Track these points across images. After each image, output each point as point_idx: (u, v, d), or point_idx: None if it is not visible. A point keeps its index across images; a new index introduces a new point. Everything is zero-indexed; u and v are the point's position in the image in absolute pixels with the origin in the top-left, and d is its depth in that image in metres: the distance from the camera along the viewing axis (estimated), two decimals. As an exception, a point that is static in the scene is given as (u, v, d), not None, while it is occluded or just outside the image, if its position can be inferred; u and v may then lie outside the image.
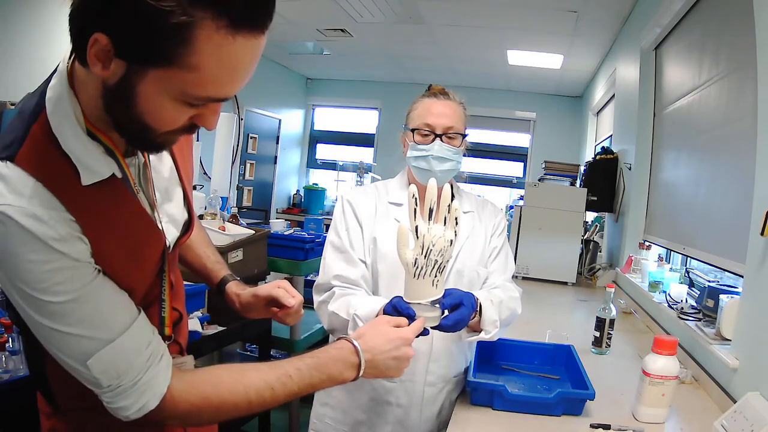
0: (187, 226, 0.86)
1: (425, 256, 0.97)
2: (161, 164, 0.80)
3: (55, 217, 0.61)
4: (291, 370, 0.76)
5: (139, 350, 0.67)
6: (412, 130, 1.27)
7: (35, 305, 0.62)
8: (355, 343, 0.83)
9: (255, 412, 0.76)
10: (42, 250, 0.60)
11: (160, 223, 0.76)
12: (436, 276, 0.98)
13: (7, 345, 1.40)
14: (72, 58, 0.63)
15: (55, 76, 0.65)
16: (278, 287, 1.00)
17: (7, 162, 0.60)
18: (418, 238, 0.97)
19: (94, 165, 0.64)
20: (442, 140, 1.24)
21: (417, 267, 0.97)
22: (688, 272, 2.21)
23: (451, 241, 0.98)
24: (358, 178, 6.28)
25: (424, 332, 1.01)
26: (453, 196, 1.01)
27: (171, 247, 0.81)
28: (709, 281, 1.89)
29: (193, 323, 1.90)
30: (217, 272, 1.07)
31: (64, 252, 0.61)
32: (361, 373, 0.82)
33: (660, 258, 2.52)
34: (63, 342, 0.64)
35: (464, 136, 1.28)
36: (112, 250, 0.67)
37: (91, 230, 0.64)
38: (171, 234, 0.80)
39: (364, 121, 7.02)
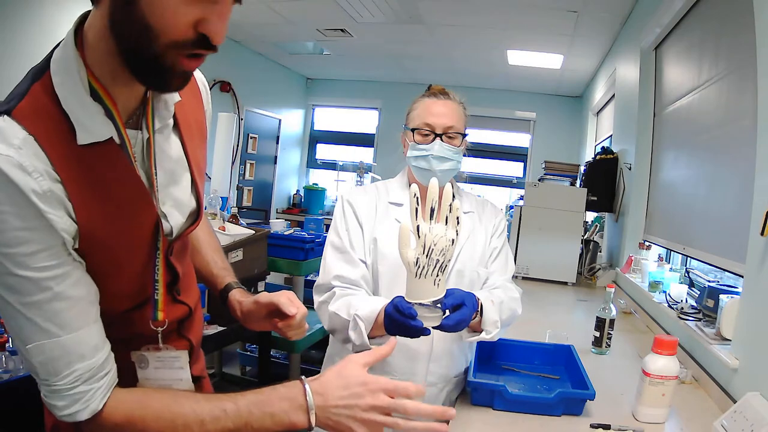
0: (195, 216, 0.84)
1: (427, 256, 0.97)
2: (169, 145, 0.77)
3: (40, 170, 0.59)
4: (227, 405, 0.69)
5: (82, 357, 0.65)
6: (412, 130, 1.27)
7: None
8: (306, 384, 0.72)
9: None
10: (20, 204, 0.58)
11: (158, 202, 0.73)
12: (437, 275, 0.98)
13: (7, 345, 1.40)
14: (78, 22, 0.63)
15: (62, 41, 0.65)
16: (282, 296, 0.94)
17: (4, 116, 0.60)
18: (419, 237, 0.97)
19: (92, 125, 0.63)
20: (442, 140, 1.24)
21: (419, 266, 0.97)
22: (688, 272, 2.21)
23: (453, 240, 0.98)
24: (358, 178, 6.28)
25: (425, 332, 1.01)
26: (454, 196, 1.01)
27: (177, 235, 0.78)
28: (709, 281, 1.89)
29: (194, 323, 1.90)
30: (223, 278, 1.04)
31: (42, 208, 0.59)
32: (313, 418, 0.70)
33: (660, 258, 2.52)
34: (10, 315, 0.62)
35: (464, 135, 1.28)
36: (101, 215, 0.65)
37: (79, 194, 0.63)
38: (176, 220, 0.78)
39: (364, 121, 7.02)
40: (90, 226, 0.64)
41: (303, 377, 0.73)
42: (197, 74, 0.82)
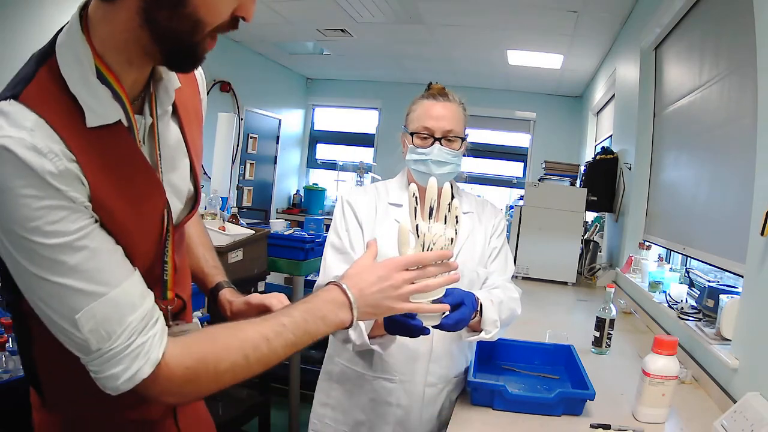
0: (193, 202, 0.84)
1: (426, 256, 0.96)
2: (168, 131, 0.77)
3: (55, 151, 0.58)
4: (284, 319, 0.72)
5: (133, 308, 0.63)
6: (411, 134, 1.27)
7: (25, 249, 0.58)
8: (342, 283, 0.78)
9: (254, 373, 0.70)
10: (37, 185, 0.57)
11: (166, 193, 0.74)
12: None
13: (7, 345, 1.40)
14: (82, 6, 0.64)
15: (67, 25, 0.65)
16: (273, 298, 0.95)
17: (11, 100, 0.59)
18: (418, 237, 0.97)
19: (100, 108, 0.63)
20: (441, 143, 1.24)
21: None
22: (688, 272, 2.21)
23: (452, 239, 0.98)
24: (358, 178, 6.29)
25: (425, 331, 1.01)
26: (453, 195, 1.01)
27: (176, 222, 0.78)
28: (709, 281, 1.89)
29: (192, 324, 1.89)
30: (213, 277, 1.03)
31: (60, 189, 0.58)
32: (355, 312, 0.77)
33: (660, 258, 2.52)
34: (52, 294, 0.60)
35: (464, 138, 1.28)
36: (112, 198, 0.64)
37: (92, 173, 0.62)
38: (175, 206, 0.77)
39: (364, 121, 7.02)
40: (108, 208, 0.63)
41: (336, 279, 0.80)
42: (177, 81, 0.82)
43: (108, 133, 0.64)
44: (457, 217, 0.99)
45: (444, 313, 1.03)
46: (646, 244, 2.57)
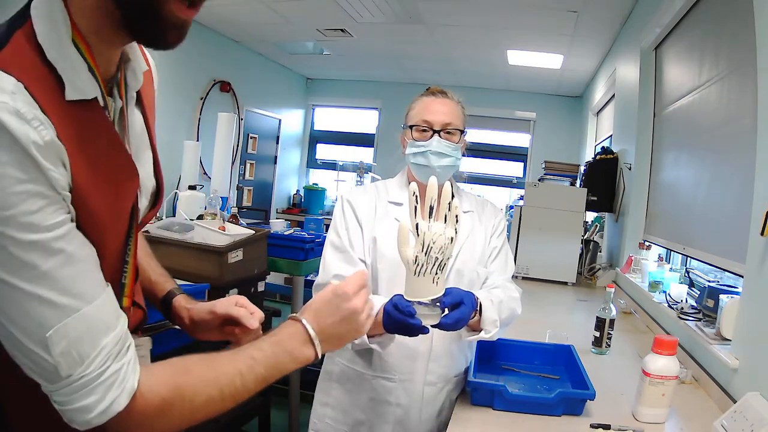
0: (155, 198, 0.77)
1: (426, 254, 0.97)
2: (134, 119, 0.71)
3: (40, 119, 0.52)
4: (254, 353, 0.68)
5: (107, 329, 0.55)
6: (411, 127, 1.27)
7: None
8: (301, 318, 0.74)
9: (225, 409, 0.66)
10: (19, 162, 0.50)
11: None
12: (436, 274, 0.98)
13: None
14: None
15: None
16: (237, 305, 0.89)
17: None
18: (418, 235, 0.97)
19: (78, 81, 0.57)
20: (440, 136, 1.24)
21: (417, 265, 0.97)
22: (688, 272, 2.21)
23: (452, 238, 0.98)
24: (358, 178, 6.28)
25: (424, 330, 1.01)
26: (453, 195, 1.01)
27: (140, 218, 0.72)
28: (709, 281, 1.89)
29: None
30: (162, 285, 0.94)
31: (43, 167, 0.51)
32: (318, 349, 0.73)
33: (660, 258, 2.52)
34: (18, 306, 0.51)
35: (463, 132, 1.28)
36: (89, 182, 0.58)
37: (72, 152, 0.55)
38: (141, 202, 0.71)
39: (364, 121, 7.02)
40: (83, 190, 0.57)
41: (295, 314, 0.75)
42: (147, 52, 0.76)
43: (85, 110, 0.58)
44: (457, 216, 0.99)
45: (444, 312, 1.03)
46: (646, 244, 2.57)
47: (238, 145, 5.51)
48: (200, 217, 2.61)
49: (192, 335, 0.92)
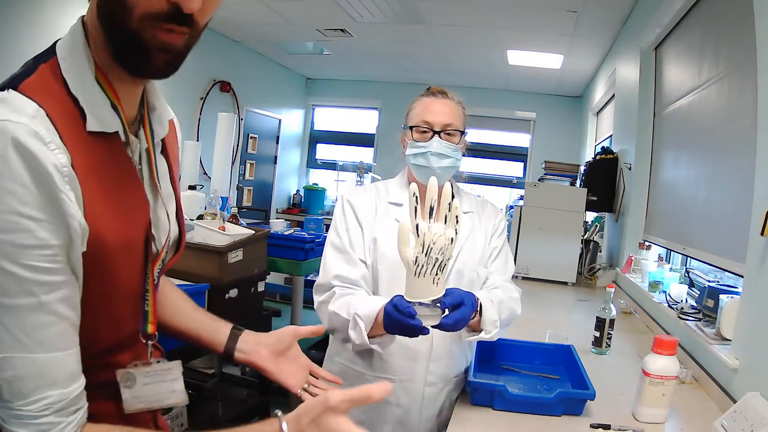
0: (177, 245, 0.79)
1: (426, 254, 0.97)
2: (161, 163, 0.74)
3: (57, 143, 0.54)
4: None
5: (55, 384, 0.56)
6: (411, 128, 1.27)
7: None
8: (283, 420, 0.65)
9: None
10: (35, 179, 0.52)
11: (154, 215, 0.70)
12: (437, 274, 0.98)
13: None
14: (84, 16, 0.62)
15: (70, 29, 0.63)
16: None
17: (9, 89, 0.55)
18: (418, 236, 0.97)
19: (101, 114, 0.60)
20: (440, 137, 1.24)
21: (418, 265, 0.97)
22: (688, 272, 2.21)
23: (452, 239, 0.98)
24: (358, 178, 6.28)
25: (424, 331, 1.01)
26: (453, 195, 1.01)
27: (162, 263, 0.74)
28: (709, 281, 1.89)
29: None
30: (223, 322, 0.92)
31: (60, 188, 0.53)
32: None
33: (660, 258, 2.52)
34: None
35: (463, 133, 1.28)
36: (105, 212, 0.60)
37: (87, 182, 0.57)
38: (159, 241, 0.73)
39: (364, 121, 7.02)
40: (92, 216, 0.58)
41: (279, 413, 0.67)
42: (171, 112, 0.79)
43: (106, 143, 0.61)
44: (457, 216, 0.99)
45: (444, 313, 1.03)
46: (646, 244, 2.57)
47: (238, 145, 5.51)
48: (200, 217, 2.62)
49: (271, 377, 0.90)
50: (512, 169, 6.57)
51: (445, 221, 0.99)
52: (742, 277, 1.41)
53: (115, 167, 0.63)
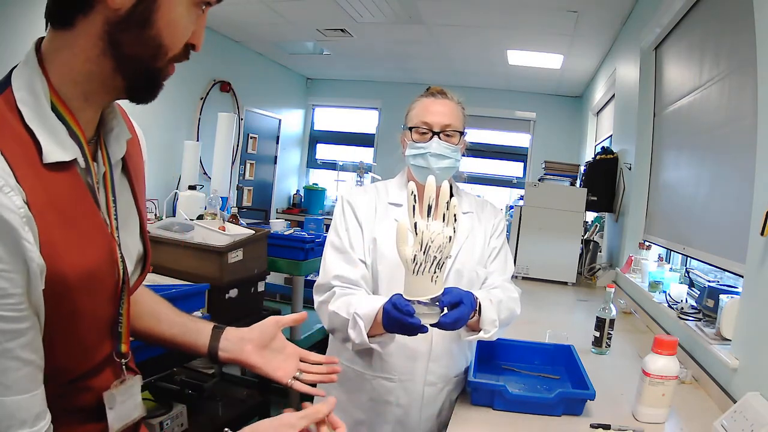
0: (143, 264, 0.79)
1: (424, 253, 0.97)
2: (121, 185, 0.73)
3: (12, 185, 0.54)
4: None
5: (22, 424, 0.57)
6: (410, 129, 1.27)
7: None
8: None
9: None
10: None
11: (118, 240, 0.70)
12: (435, 272, 0.98)
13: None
14: (38, 41, 0.63)
15: (23, 59, 0.63)
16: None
17: None
18: (417, 234, 0.97)
19: (57, 143, 0.60)
20: (440, 138, 1.24)
21: (416, 263, 0.97)
22: (688, 272, 2.21)
23: (450, 237, 0.98)
24: (358, 178, 6.28)
25: (423, 330, 1.01)
26: (452, 194, 1.01)
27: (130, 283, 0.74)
28: (709, 281, 1.89)
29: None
30: (204, 322, 0.91)
31: (20, 234, 0.53)
32: None
33: (660, 258, 2.52)
34: None
35: (462, 134, 1.28)
36: (64, 247, 0.60)
37: (43, 219, 0.57)
38: (128, 265, 0.73)
39: (364, 121, 7.02)
40: (53, 259, 0.58)
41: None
42: (134, 122, 0.80)
43: (63, 173, 0.61)
44: (455, 215, 0.99)
45: (443, 311, 1.03)
46: (646, 244, 2.57)
47: (238, 145, 5.50)
48: (200, 217, 2.62)
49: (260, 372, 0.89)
50: (512, 169, 6.56)
51: (444, 220, 0.99)
52: (742, 277, 1.41)
53: (73, 197, 0.63)
